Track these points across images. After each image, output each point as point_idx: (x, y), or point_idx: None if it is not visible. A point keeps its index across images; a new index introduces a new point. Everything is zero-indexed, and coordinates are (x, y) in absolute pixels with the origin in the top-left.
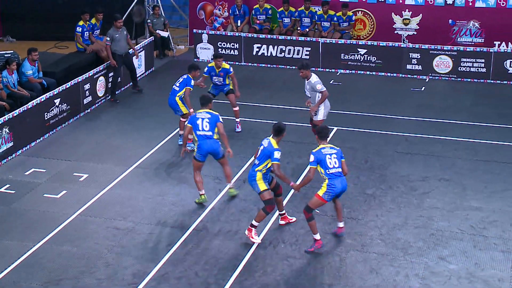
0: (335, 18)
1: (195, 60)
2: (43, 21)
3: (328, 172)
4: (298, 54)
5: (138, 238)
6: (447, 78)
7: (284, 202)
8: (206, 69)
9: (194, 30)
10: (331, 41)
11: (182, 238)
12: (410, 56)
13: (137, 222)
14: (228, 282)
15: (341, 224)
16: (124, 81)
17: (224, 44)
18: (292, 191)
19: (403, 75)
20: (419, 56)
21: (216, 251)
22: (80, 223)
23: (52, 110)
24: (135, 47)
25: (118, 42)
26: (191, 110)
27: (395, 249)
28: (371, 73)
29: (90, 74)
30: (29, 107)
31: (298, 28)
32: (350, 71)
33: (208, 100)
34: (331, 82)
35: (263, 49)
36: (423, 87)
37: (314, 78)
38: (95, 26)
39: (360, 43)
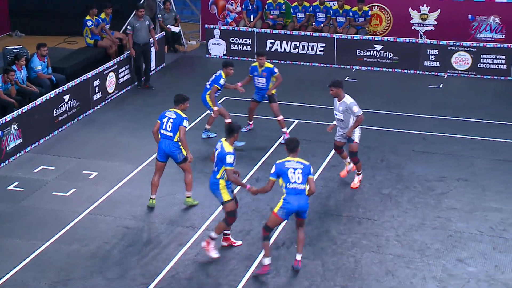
0: (351, 13)
1: (207, 56)
2: (52, 16)
3: (287, 186)
4: (312, 50)
5: (148, 237)
6: (466, 75)
7: None
8: (250, 68)
9: (206, 25)
10: (346, 37)
11: (193, 238)
12: (428, 53)
13: (147, 221)
14: (240, 283)
15: (298, 257)
16: (133, 79)
17: (236, 40)
18: None
19: (420, 72)
20: (437, 53)
21: (228, 251)
22: (89, 222)
23: (61, 106)
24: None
25: (138, 32)
26: (215, 108)
27: (411, 250)
28: (387, 69)
29: (100, 70)
30: (38, 103)
31: (313, 23)
32: (366, 68)
33: (181, 100)
34: (346, 79)
35: (277, 45)
36: (441, 85)
37: (349, 98)
38: (104, 20)
39: (376, 39)
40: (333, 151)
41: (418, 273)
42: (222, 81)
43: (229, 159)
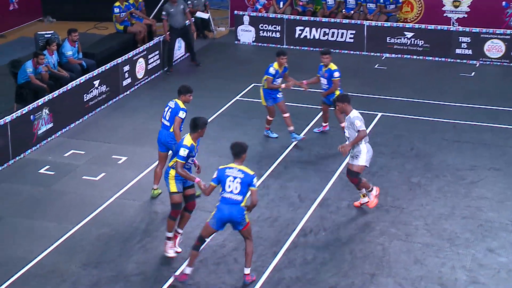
0: (381, 0)
1: (236, 42)
2: (83, 2)
3: (222, 194)
4: (342, 37)
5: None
6: (499, 63)
7: None
8: (318, 67)
9: (235, 12)
10: (376, 24)
11: None
12: (460, 40)
13: None
14: (267, 269)
15: (246, 271)
16: (162, 65)
17: (265, 27)
18: None
19: (452, 60)
20: (470, 40)
21: (256, 238)
22: (118, 206)
23: (91, 91)
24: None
25: (174, 17)
26: (266, 104)
27: (441, 239)
28: (418, 57)
29: (130, 56)
30: (68, 88)
31: (343, 10)
32: (396, 55)
33: (183, 91)
34: (376, 67)
35: (306, 32)
36: (473, 73)
37: (354, 113)
38: (133, 6)
39: (407, 26)
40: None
41: (447, 262)
42: (272, 70)
43: (182, 152)
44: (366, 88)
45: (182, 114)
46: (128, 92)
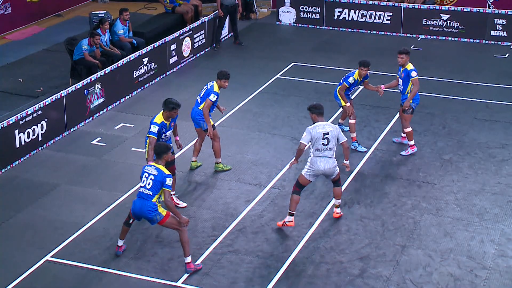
0: None
1: (277, 23)
2: None
3: (139, 188)
4: (379, 19)
5: (217, 193)
6: None
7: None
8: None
9: None
10: (413, 6)
11: (259, 195)
12: (495, 22)
13: (217, 178)
14: (303, 238)
15: (186, 260)
16: (210, 42)
17: (306, 8)
18: None
19: (487, 42)
20: (505, 22)
21: None
22: None
23: (141, 68)
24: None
25: None
26: (347, 104)
27: (470, 214)
28: (453, 39)
29: (177, 35)
30: (119, 65)
31: None
32: (432, 37)
33: (220, 76)
34: (412, 47)
35: (345, 13)
36: (507, 54)
37: (313, 125)
38: None
39: (443, 8)
40: (396, 116)
41: (476, 236)
42: (351, 79)
43: (152, 128)
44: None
45: (212, 97)
46: (174, 70)
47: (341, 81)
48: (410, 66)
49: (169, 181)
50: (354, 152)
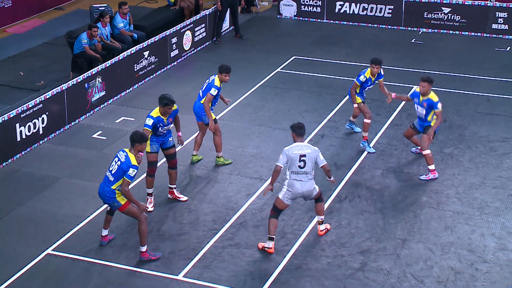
0: None
1: (278, 17)
2: None
3: (106, 171)
4: (380, 12)
5: (218, 187)
6: None
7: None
8: (412, 92)
9: None
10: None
11: (260, 189)
12: (497, 16)
13: (218, 172)
14: (304, 232)
15: (141, 249)
16: (212, 35)
17: (307, 1)
18: None
19: (488, 35)
20: (506, 16)
21: (293, 203)
22: (165, 171)
23: (141, 62)
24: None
25: None
26: (355, 105)
27: (471, 208)
28: (454, 32)
29: (177, 28)
30: (120, 58)
31: None
32: (433, 30)
33: (220, 69)
34: (412, 41)
35: (346, 7)
36: (508, 47)
37: (292, 145)
38: None
39: (444, 1)
40: (397, 110)
41: (477, 230)
42: (362, 78)
43: (148, 120)
44: (403, 62)
45: (213, 91)
46: (175, 63)
47: (355, 79)
48: (435, 98)
49: (132, 172)
50: (355, 146)
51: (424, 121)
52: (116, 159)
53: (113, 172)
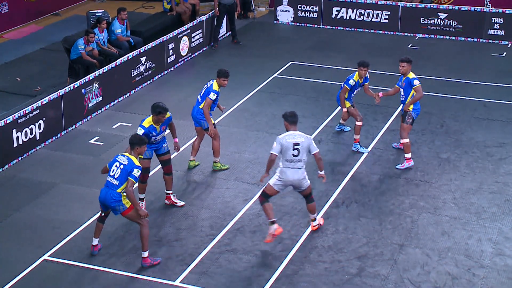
0: None
1: (275, 22)
2: None
3: (107, 177)
4: (377, 18)
5: (215, 192)
6: None
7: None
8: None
9: None
10: (411, 5)
11: (257, 194)
12: (493, 21)
13: (215, 177)
14: (301, 238)
15: (143, 254)
16: (208, 41)
17: (303, 7)
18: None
19: (484, 40)
20: (502, 21)
21: (290, 208)
22: (160, 176)
23: (138, 67)
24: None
25: None
26: (344, 109)
27: (468, 213)
28: (450, 38)
29: (174, 34)
30: (117, 64)
31: None
32: (429, 36)
33: (218, 73)
34: (409, 47)
35: (342, 12)
36: (505, 53)
37: (284, 133)
38: None
39: (440, 7)
40: (394, 115)
41: (474, 235)
42: (352, 82)
43: (139, 130)
44: (399, 67)
45: (212, 96)
46: (172, 69)
47: (343, 84)
48: (412, 75)
49: (136, 172)
50: (352, 152)
51: (404, 103)
52: (117, 163)
53: (116, 176)
